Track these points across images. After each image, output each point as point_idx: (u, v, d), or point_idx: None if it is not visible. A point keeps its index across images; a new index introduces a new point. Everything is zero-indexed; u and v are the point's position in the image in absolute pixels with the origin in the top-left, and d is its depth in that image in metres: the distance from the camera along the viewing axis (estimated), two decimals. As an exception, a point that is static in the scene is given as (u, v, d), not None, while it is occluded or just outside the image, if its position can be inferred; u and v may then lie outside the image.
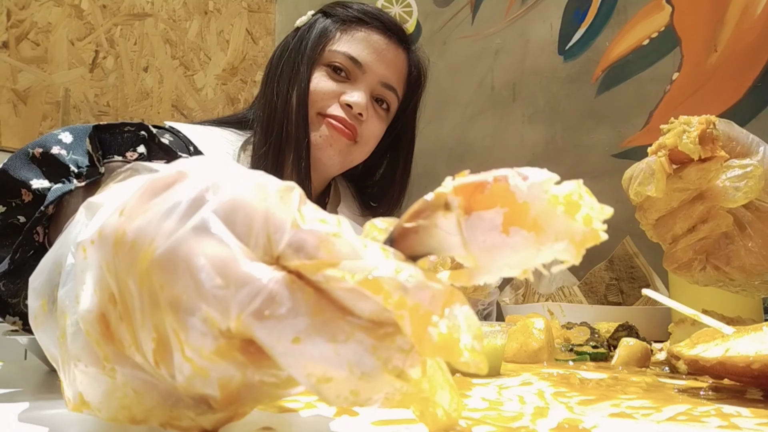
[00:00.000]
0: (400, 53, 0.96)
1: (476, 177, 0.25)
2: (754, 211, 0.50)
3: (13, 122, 1.49)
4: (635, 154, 1.26)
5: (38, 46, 1.55)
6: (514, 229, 0.24)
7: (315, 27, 0.95)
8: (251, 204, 0.23)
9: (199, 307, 0.21)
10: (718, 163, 0.47)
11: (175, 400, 0.25)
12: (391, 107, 0.97)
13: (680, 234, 0.50)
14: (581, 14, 1.41)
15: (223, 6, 1.97)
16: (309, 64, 0.92)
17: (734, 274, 0.50)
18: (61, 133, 0.49)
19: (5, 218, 0.45)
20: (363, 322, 0.22)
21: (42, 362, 0.51)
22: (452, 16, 1.65)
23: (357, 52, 0.92)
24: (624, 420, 0.31)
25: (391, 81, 0.94)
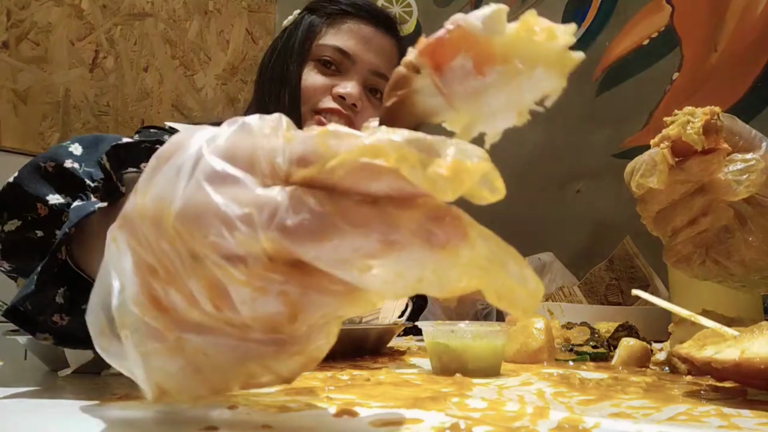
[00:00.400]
0: (389, 41, 0.96)
1: (433, 35, 0.26)
2: (756, 205, 0.50)
3: (13, 122, 1.49)
4: (635, 154, 1.25)
5: (38, 46, 1.55)
6: (487, 68, 0.25)
7: (301, 24, 0.95)
8: (245, 140, 0.24)
9: (233, 237, 0.23)
10: (721, 156, 0.47)
11: (245, 350, 0.25)
12: None
13: (680, 226, 0.50)
14: (581, 14, 1.41)
15: (223, 6, 1.97)
16: (298, 61, 0.92)
17: (734, 268, 0.50)
18: (71, 145, 0.48)
19: (22, 233, 0.45)
20: (380, 202, 0.23)
21: (42, 362, 0.51)
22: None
23: (345, 43, 0.92)
24: (624, 420, 0.31)
25: (383, 69, 0.93)
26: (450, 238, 0.23)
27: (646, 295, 0.49)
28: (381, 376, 0.45)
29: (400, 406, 0.34)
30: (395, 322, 0.62)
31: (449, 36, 0.25)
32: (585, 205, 1.36)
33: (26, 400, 0.37)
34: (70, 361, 0.43)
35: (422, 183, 0.22)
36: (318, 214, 0.22)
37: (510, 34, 0.25)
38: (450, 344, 0.47)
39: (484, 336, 0.47)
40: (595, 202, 1.34)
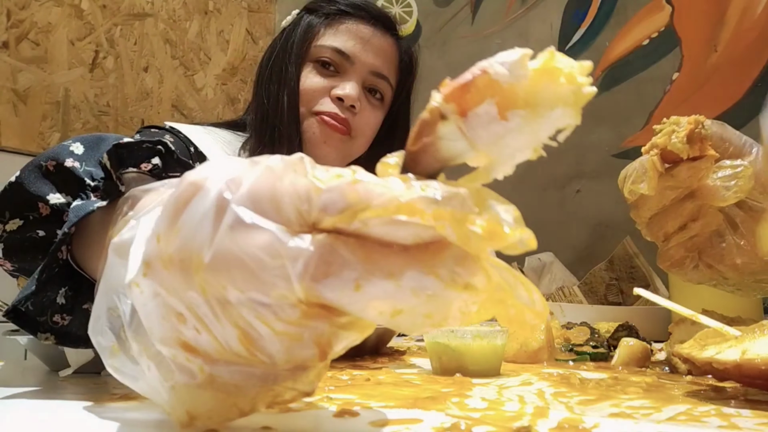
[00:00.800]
0: (388, 40, 0.94)
1: (459, 80, 0.27)
2: (747, 210, 0.50)
3: (13, 122, 1.49)
4: (635, 154, 1.25)
5: (38, 46, 1.55)
6: (510, 113, 0.26)
7: (300, 25, 0.94)
8: (270, 186, 0.24)
9: (267, 291, 0.23)
10: (709, 162, 0.48)
11: (273, 377, 0.26)
12: (385, 96, 0.95)
13: (672, 232, 0.50)
14: (581, 14, 1.41)
15: (223, 6, 1.97)
16: (297, 62, 0.91)
17: (727, 272, 0.51)
18: (72, 144, 0.48)
19: (24, 232, 0.45)
20: (410, 250, 0.24)
21: (42, 362, 0.51)
22: (452, 16, 1.65)
23: (343, 44, 0.91)
24: (624, 420, 0.31)
25: (382, 69, 0.93)
26: (471, 276, 0.24)
27: (648, 293, 0.50)
28: (381, 376, 0.45)
29: (400, 406, 0.34)
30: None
31: (475, 81, 0.26)
32: (585, 205, 1.36)
33: (26, 400, 0.37)
34: (70, 361, 0.43)
35: (457, 240, 0.23)
36: (351, 263, 0.23)
37: (532, 77, 0.26)
38: (450, 344, 0.47)
39: (484, 336, 0.47)
40: (595, 202, 1.34)
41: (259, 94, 0.95)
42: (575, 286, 1.08)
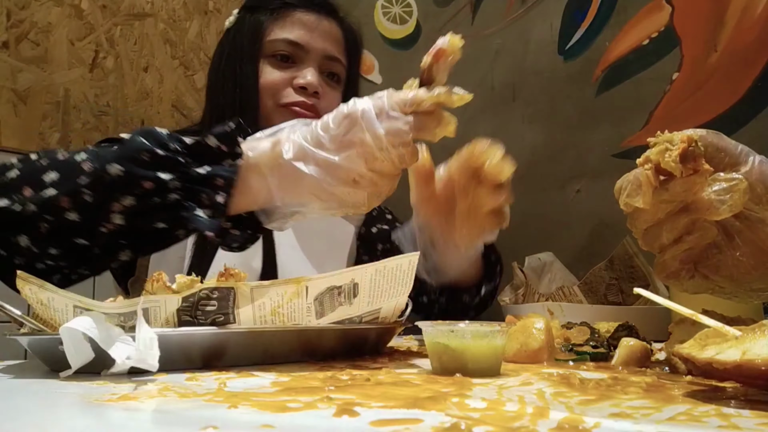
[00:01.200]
0: (333, 24, 0.99)
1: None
2: (744, 220, 0.50)
3: (13, 122, 1.49)
4: (635, 153, 1.25)
5: (38, 46, 1.55)
6: None
7: (246, 24, 0.97)
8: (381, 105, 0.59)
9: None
10: (703, 177, 0.48)
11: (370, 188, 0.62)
12: (341, 76, 1.00)
13: (667, 244, 0.50)
14: (581, 14, 1.41)
15: (223, 6, 1.97)
16: (251, 61, 0.94)
17: (723, 282, 0.51)
18: (140, 137, 0.60)
19: (140, 204, 0.58)
20: None
21: (42, 362, 0.51)
22: (452, 16, 1.65)
23: (294, 35, 0.95)
24: (624, 420, 0.31)
25: (334, 52, 0.98)
26: None
27: (649, 293, 0.49)
28: (381, 376, 0.45)
29: (400, 406, 0.34)
30: (395, 322, 0.62)
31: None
32: (585, 205, 1.36)
33: (26, 400, 0.37)
34: (70, 361, 0.43)
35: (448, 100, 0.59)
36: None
37: None
38: (450, 344, 0.47)
39: (484, 336, 0.47)
40: (595, 202, 1.34)
41: (214, 98, 0.97)
42: (575, 285, 1.08)
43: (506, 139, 0.84)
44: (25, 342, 0.50)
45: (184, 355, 0.49)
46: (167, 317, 0.49)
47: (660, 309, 0.89)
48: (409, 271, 0.58)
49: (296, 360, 0.55)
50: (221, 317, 0.51)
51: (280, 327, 0.53)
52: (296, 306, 0.53)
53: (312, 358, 0.56)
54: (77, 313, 0.48)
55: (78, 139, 1.60)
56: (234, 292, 0.51)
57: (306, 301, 0.53)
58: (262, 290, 0.52)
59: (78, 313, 0.48)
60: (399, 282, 0.58)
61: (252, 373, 0.46)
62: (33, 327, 0.50)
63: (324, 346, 0.57)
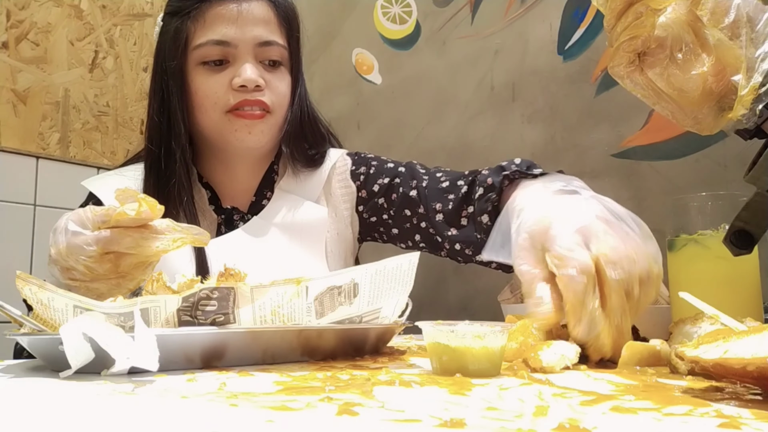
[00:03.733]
0: (257, 3, 0.90)
1: None
2: (700, 38, 0.52)
3: (13, 122, 1.49)
4: (635, 153, 1.26)
5: (38, 47, 1.55)
6: None
7: (167, 33, 0.91)
8: None
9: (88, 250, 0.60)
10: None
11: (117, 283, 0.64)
12: (283, 58, 0.93)
13: (620, 35, 0.55)
14: (581, 14, 1.42)
15: (223, 6, 1.97)
16: (177, 75, 0.89)
17: (658, 81, 0.53)
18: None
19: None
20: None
21: (42, 362, 0.51)
22: (452, 16, 1.65)
23: (218, 33, 0.88)
24: (624, 420, 0.31)
25: (266, 36, 0.90)
26: None
27: (690, 297, 0.49)
28: (381, 376, 0.45)
29: (400, 406, 0.34)
30: (395, 322, 0.62)
31: None
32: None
33: (26, 400, 0.37)
34: (70, 361, 0.43)
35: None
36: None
37: None
38: (450, 344, 0.47)
39: (484, 336, 0.47)
40: (594, 201, 1.34)
41: (148, 118, 0.93)
42: (575, 285, 1.08)
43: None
44: (25, 342, 0.50)
45: (184, 355, 0.49)
46: (167, 317, 0.49)
47: (660, 309, 0.89)
48: (409, 271, 0.58)
49: (296, 360, 0.55)
50: (221, 317, 0.51)
51: (280, 327, 0.53)
52: (296, 306, 0.53)
53: (312, 358, 0.56)
54: (77, 313, 0.48)
55: (78, 140, 1.60)
56: (234, 292, 0.51)
57: (306, 301, 0.53)
58: (262, 290, 0.52)
59: (78, 313, 0.48)
60: (399, 282, 0.58)
61: (252, 373, 0.46)
62: (33, 327, 0.50)
63: (324, 346, 0.57)
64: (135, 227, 0.59)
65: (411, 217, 0.97)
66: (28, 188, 1.50)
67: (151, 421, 0.30)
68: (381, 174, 1.01)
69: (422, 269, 0.62)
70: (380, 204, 1.00)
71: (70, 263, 0.60)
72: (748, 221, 0.48)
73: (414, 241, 0.99)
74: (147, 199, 0.59)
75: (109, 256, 0.60)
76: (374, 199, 1.00)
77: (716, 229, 0.73)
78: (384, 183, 0.99)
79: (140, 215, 0.59)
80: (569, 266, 0.51)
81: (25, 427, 0.29)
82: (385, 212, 0.99)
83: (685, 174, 1.18)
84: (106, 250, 0.59)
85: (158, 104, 0.90)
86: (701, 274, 0.73)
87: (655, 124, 1.26)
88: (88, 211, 0.61)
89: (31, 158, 1.51)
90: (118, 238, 0.59)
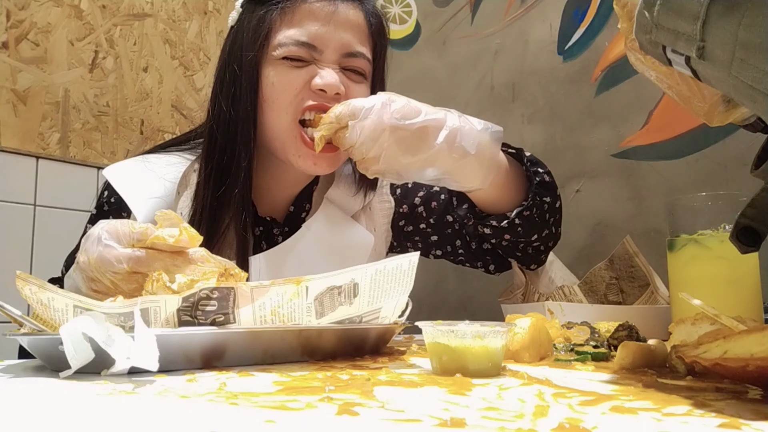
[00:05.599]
0: (353, 9, 0.84)
1: None
2: None
3: (13, 122, 1.49)
4: (635, 153, 1.26)
5: (38, 47, 1.55)
6: None
7: (248, 22, 0.83)
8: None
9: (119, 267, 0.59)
10: None
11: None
12: (366, 71, 0.86)
13: None
14: (580, 14, 1.42)
15: (223, 6, 1.97)
16: (252, 70, 0.81)
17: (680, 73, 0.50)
18: None
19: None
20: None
21: (42, 362, 0.51)
22: (451, 16, 1.65)
23: (306, 33, 0.81)
24: (624, 420, 0.31)
25: (355, 46, 0.83)
26: None
27: (709, 309, 0.49)
28: (381, 376, 0.45)
29: (400, 406, 0.34)
30: (395, 322, 0.62)
31: None
32: (585, 204, 1.36)
33: (26, 400, 0.37)
34: (70, 361, 0.43)
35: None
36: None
37: None
38: (450, 344, 0.47)
39: (484, 336, 0.47)
40: (594, 201, 1.34)
41: (211, 109, 0.86)
42: (575, 285, 1.08)
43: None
44: (25, 342, 0.50)
45: (184, 355, 0.49)
46: (167, 317, 0.49)
47: (660, 309, 0.89)
48: (409, 271, 0.58)
49: (296, 360, 0.55)
50: (221, 317, 0.51)
51: (280, 327, 0.53)
52: (296, 306, 0.53)
53: (312, 358, 0.56)
54: (77, 313, 0.48)
55: (78, 140, 1.60)
56: (234, 292, 0.51)
57: (306, 301, 0.53)
58: (262, 290, 0.52)
59: (78, 313, 0.48)
60: (399, 282, 0.58)
61: (252, 373, 0.46)
62: (33, 327, 0.50)
63: (324, 346, 0.57)
64: (169, 252, 0.58)
65: (453, 222, 0.96)
66: (28, 188, 1.50)
67: (151, 421, 0.30)
68: (420, 186, 0.99)
69: (422, 269, 0.62)
70: (419, 212, 0.98)
71: (96, 275, 0.59)
72: (753, 218, 0.48)
73: (454, 246, 0.98)
74: (188, 230, 0.58)
75: (136, 276, 0.58)
76: (416, 210, 0.99)
77: (716, 229, 0.73)
78: (423, 194, 0.99)
79: (178, 243, 0.58)
80: None
81: (25, 427, 0.29)
82: (423, 221, 0.98)
83: (685, 174, 1.18)
84: (135, 270, 0.58)
85: (227, 99, 0.83)
86: (701, 274, 0.73)
87: (655, 124, 1.26)
88: (125, 226, 0.59)
89: (31, 158, 1.51)
90: (150, 260, 0.57)
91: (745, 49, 0.35)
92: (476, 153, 0.77)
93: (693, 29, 0.37)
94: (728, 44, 0.36)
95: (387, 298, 0.58)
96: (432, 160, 0.75)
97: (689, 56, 0.39)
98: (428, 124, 0.75)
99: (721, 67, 0.37)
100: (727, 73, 0.37)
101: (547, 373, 0.48)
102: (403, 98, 0.77)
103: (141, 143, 1.72)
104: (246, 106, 0.82)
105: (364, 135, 0.73)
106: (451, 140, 0.75)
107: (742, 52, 0.35)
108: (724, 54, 0.36)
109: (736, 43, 0.35)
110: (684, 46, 0.39)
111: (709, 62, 0.38)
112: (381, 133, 0.73)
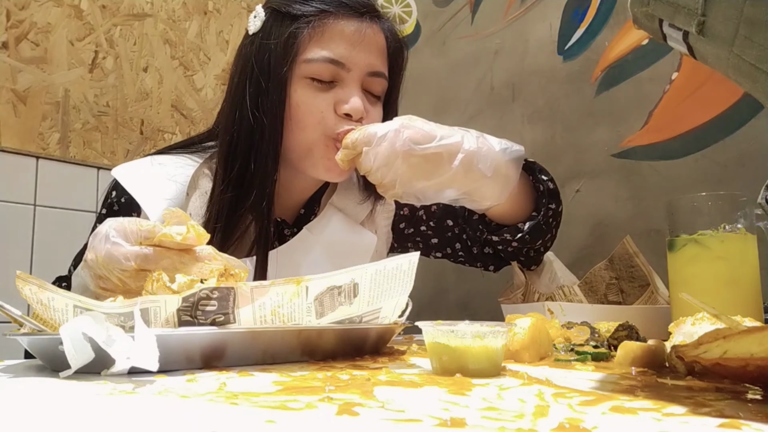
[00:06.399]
0: (376, 30, 0.86)
1: None
2: None
3: (13, 122, 1.49)
4: (635, 153, 1.26)
5: (38, 47, 1.54)
6: None
7: (276, 34, 0.83)
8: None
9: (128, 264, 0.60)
10: None
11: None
12: (383, 93, 0.90)
13: None
14: (580, 14, 1.42)
15: (223, 6, 1.97)
16: (281, 85, 0.82)
17: None
18: None
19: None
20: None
21: (42, 362, 0.51)
22: (451, 16, 1.65)
23: (335, 51, 0.82)
24: (624, 420, 0.31)
25: (378, 67, 0.86)
26: None
27: (692, 298, 0.49)
28: (381, 376, 0.45)
29: (400, 406, 0.34)
30: (395, 322, 0.62)
31: None
32: (585, 204, 1.36)
33: (26, 400, 0.37)
34: (70, 361, 0.43)
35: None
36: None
37: None
38: (450, 344, 0.47)
39: (484, 336, 0.47)
40: (594, 201, 1.34)
41: (231, 115, 0.85)
42: (575, 285, 1.08)
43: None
44: (25, 342, 0.50)
45: (184, 355, 0.49)
46: (167, 317, 0.49)
47: (660, 309, 0.89)
48: (409, 271, 0.58)
49: (296, 360, 0.55)
50: (221, 317, 0.51)
51: (280, 327, 0.53)
52: (296, 306, 0.53)
53: (312, 358, 0.56)
54: (77, 313, 0.48)
55: (78, 140, 1.60)
56: (234, 292, 0.51)
57: (306, 301, 0.53)
58: (262, 290, 0.52)
59: (78, 313, 0.48)
60: (399, 282, 0.58)
61: (252, 373, 0.46)
62: (33, 327, 0.50)
63: (324, 346, 0.57)
64: (176, 249, 0.59)
65: (453, 226, 0.99)
66: (28, 188, 1.50)
67: (151, 421, 0.30)
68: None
69: (422, 269, 0.62)
70: (419, 215, 1.01)
71: (104, 272, 0.60)
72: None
73: (454, 249, 1.01)
74: (196, 227, 0.59)
75: (144, 273, 0.58)
76: (416, 213, 1.01)
77: (716, 229, 0.73)
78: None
79: (186, 240, 0.58)
80: None
81: (25, 427, 0.29)
82: (424, 224, 1.01)
83: (685, 174, 1.18)
84: (143, 267, 0.58)
85: (253, 110, 0.82)
86: (701, 274, 0.74)
87: (655, 124, 1.26)
88: (133, 224, 0.60)
89: (31, 158, 1.51)
90: (157, 258, 0.58)
91: (750, 25, 0.34)
92: (492, 175, 0.79)
93: (695, 2, 0.36)
94: (732, 20, 0.34)
95: (387, 298, 0.58)
96: (448, 183, 0.77)
97: (687, 31, 0.37)
98: (442, 150, 0.76)
99: (722, 45, 0.36)
100: (728, 51, 0.35)
101: (547, 373, 0.48)
102: (420, 122, 0.78)
103: (141, 143, 1.72)
104: (273, 119, 0.83)
105: (378, 162, 0.75)
106: (467, 164, 0.77)
107: (747, 28, 0.34)
108: (726, 30, 0.35)
109: (741, 19, 0.34)
110: (683, 21, 0.37)
111: (709, 39, 0.36)
112: (394, 159, 0.74)
